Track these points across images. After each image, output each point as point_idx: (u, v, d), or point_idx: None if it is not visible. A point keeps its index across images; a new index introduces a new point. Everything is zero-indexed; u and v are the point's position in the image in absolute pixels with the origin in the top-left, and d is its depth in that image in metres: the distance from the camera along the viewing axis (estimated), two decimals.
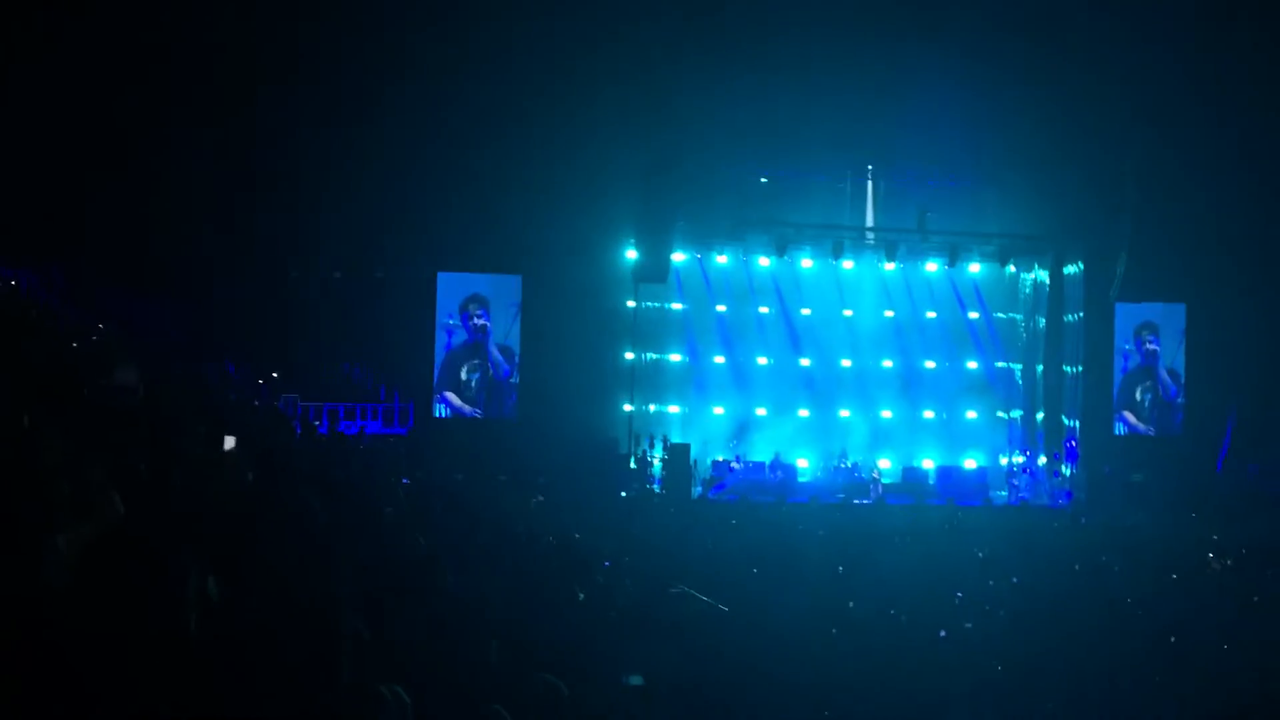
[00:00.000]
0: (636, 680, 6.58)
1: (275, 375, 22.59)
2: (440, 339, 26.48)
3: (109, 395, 9.31)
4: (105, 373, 9.72)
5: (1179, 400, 28.57)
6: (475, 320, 26.45)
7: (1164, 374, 28.58)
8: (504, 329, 26.63)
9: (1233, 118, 25.91)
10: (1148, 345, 28.59)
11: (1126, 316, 28.47)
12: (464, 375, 26.47)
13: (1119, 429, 28.56)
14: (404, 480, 11.70)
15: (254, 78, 22.99)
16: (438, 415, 26.14)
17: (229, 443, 7.22)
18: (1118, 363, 28.58)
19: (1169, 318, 28.56)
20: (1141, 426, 28.53)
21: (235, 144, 23.06)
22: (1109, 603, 13.22)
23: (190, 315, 21.47)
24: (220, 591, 3.57)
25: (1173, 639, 10.82)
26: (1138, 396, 28.63)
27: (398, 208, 24.64)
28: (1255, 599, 13.91)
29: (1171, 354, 28.62)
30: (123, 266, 21.24)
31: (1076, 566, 16.61)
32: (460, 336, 26.52)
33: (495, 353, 26.56)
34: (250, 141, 23.15)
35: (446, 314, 26.48)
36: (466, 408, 26.38)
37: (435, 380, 26.26)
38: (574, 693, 5.42)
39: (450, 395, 26.29)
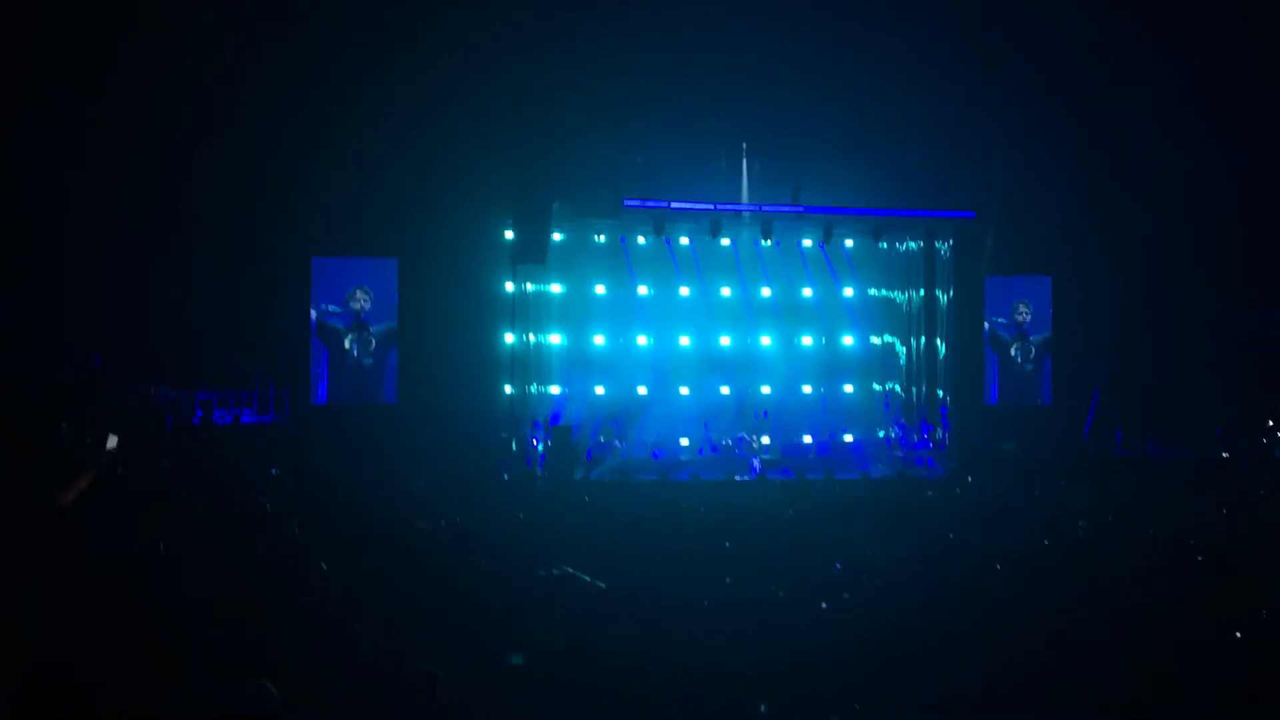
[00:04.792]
0: (517, 661, 6.59)
1: (144, 365, 21.98)
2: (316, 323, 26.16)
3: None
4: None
5: (1047, 370, 29.42)
6: (356, 304, 26.14)
7: (1033, 344, 29.44)
8: (382, 313, 26.35)
9: (1094, 94, 26.68)
10: (1018, 316, 29.37)
11: (1000, 290, 29.25)
12: (347, 345, 26.17)
13: (993, 399, 29.29)
14: (273, 470, 11.48)
15: (126, 51, 22.25)
16: (315, 402, 25.78)
17: (112, 442, 6.86)
18: (990, 336, 29.32)
19: (1036, 290, 29.38)
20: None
21: (102, 122, 22.27)
22: (982, 568, 13.53)
23: (52, 305, 20.72)
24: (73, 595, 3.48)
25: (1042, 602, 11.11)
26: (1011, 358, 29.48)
27: (271, 191, 24.13)
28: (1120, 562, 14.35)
29: (1040, 325, 29.46)
30: None
31: (951, 535, 16.95)
32: (338, 321, 26.22)
33: (374, 336, 26.30)
34: (119, 120, 22.38)
35: (325, 300, 26.15)
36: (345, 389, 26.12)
37: (312, 361, 25.90)
38: (454, 678, 5.42)
39: (329, 374, 26.00)
